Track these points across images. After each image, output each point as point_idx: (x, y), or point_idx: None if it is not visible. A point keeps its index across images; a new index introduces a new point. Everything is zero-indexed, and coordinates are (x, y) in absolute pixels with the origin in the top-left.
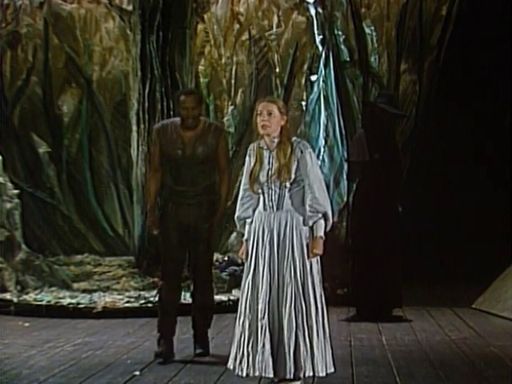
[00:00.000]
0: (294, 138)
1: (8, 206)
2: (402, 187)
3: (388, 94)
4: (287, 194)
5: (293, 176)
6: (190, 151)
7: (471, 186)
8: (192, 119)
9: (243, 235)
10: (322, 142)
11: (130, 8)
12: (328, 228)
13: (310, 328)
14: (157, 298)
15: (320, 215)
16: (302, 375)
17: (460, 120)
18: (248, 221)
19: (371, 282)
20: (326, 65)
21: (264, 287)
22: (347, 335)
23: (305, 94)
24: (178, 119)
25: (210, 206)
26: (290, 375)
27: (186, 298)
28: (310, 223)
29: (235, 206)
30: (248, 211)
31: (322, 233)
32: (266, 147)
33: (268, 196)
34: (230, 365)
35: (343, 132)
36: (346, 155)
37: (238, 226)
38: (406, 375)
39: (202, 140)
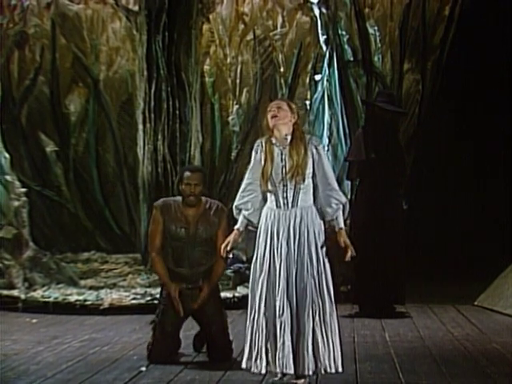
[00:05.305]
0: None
1: (16, 204)
2: (406, 185)
3: (387, 92)
4: (301, 191)
5: (308, 172)
6: (194, 230)
7: (471, 185)
8: (194, 196)
9: (236, 223)
10: (325, 140)
11: (137, 8)
12: (344, 217)
13: (326, 324)
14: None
15: (341, 206)
16: (322, 371)
17: (460, 119)
18: (245, 213)
19: (374, 278)
20: (330, 64)
21: (281, 285)
22: (350, 332)
23: (309, 93)
24: (179, 198)
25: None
26: (309, 371)
27: None
28: (335, 216)
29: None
30: (247, 204)
31: (343, 224)
32: (277, 143)
33: (282, 193)
34: (245, 364)
35: (347, 131)
36: None
37: (234, 213)
38: (409, 371)
39: (205, 219)
